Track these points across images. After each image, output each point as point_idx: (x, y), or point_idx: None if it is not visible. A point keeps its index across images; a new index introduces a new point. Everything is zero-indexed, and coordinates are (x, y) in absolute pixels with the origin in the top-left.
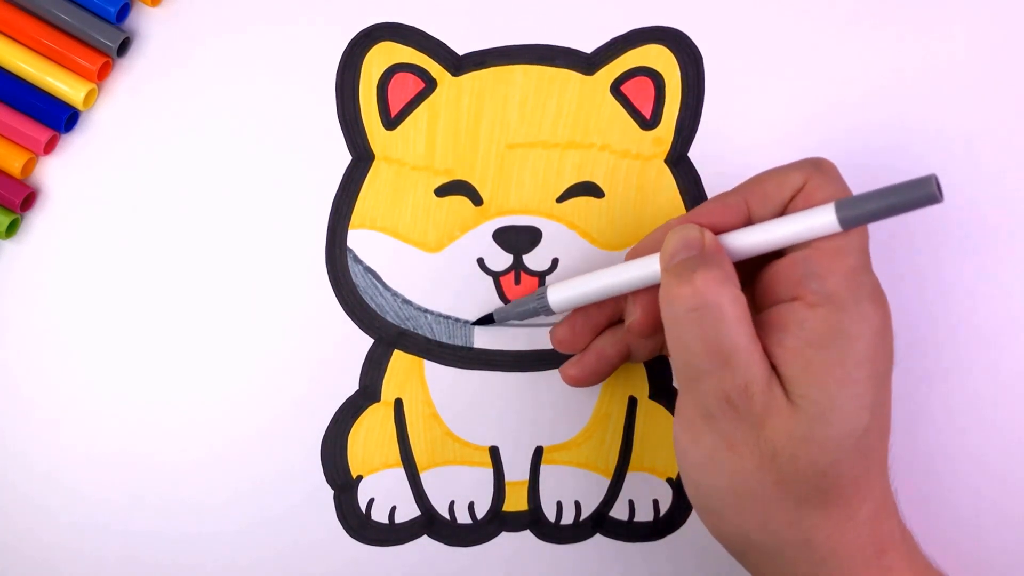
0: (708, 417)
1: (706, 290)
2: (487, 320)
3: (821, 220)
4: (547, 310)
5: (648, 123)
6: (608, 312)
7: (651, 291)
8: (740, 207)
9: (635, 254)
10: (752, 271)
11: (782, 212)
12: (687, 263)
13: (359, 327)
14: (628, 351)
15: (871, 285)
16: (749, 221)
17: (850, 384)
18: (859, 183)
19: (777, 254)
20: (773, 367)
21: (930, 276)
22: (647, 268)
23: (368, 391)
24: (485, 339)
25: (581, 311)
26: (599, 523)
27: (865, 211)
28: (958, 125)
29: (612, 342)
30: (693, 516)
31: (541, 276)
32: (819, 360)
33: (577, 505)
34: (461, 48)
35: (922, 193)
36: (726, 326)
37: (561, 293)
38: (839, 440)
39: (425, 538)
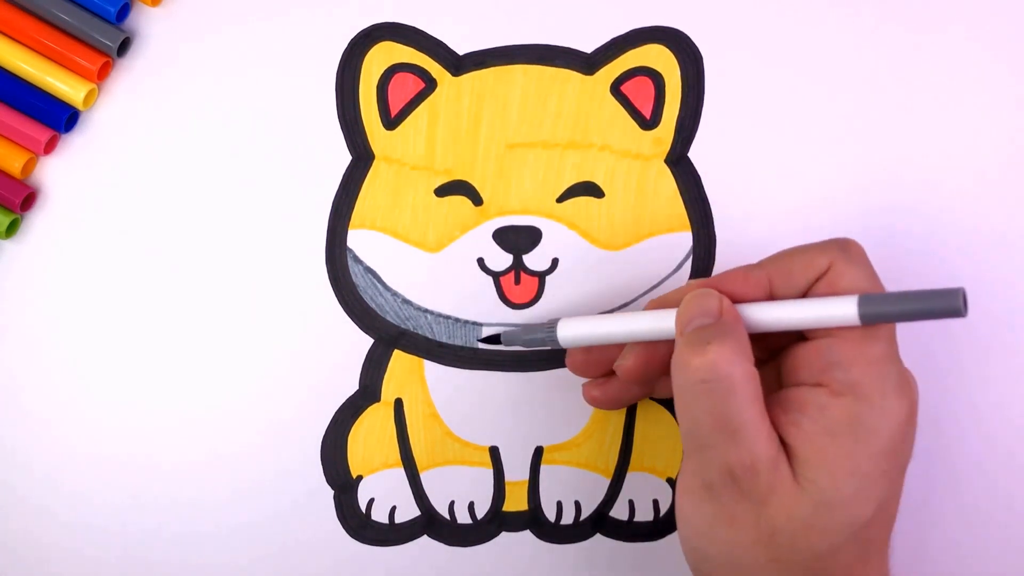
0: (710, 487)
1: (719, 363)
2: (494, 340)
3: (843, 311)
4: (555, 343)
5: (648, 123)
6: (624, 347)
7: (651, 343)
8: (762, 282)
9: (653, 307)
10: (773, 346)
11: (804, 292)
12: (703, 333)
13: (359, 327)
14: (652, 386)
15: (897, 375)
16: (770, 297)
17: (862, 477)
18: (859, 182)
19: (799, 334)
20: (784, 444)
21: (929, 277)
22: (659, 323)
23: (368, 391)
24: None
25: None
26: (599, 523)
27: (887, 311)
28: (959, 125)
29: (640, 364)
30: None
31: (541, 276)
32: (834, 449)
33: (577, 505)
34: (461, 48)
35: (947, 305)
36: (736, 401)
37: (571, 330)
38: (840, 528)
39: (425, 538)
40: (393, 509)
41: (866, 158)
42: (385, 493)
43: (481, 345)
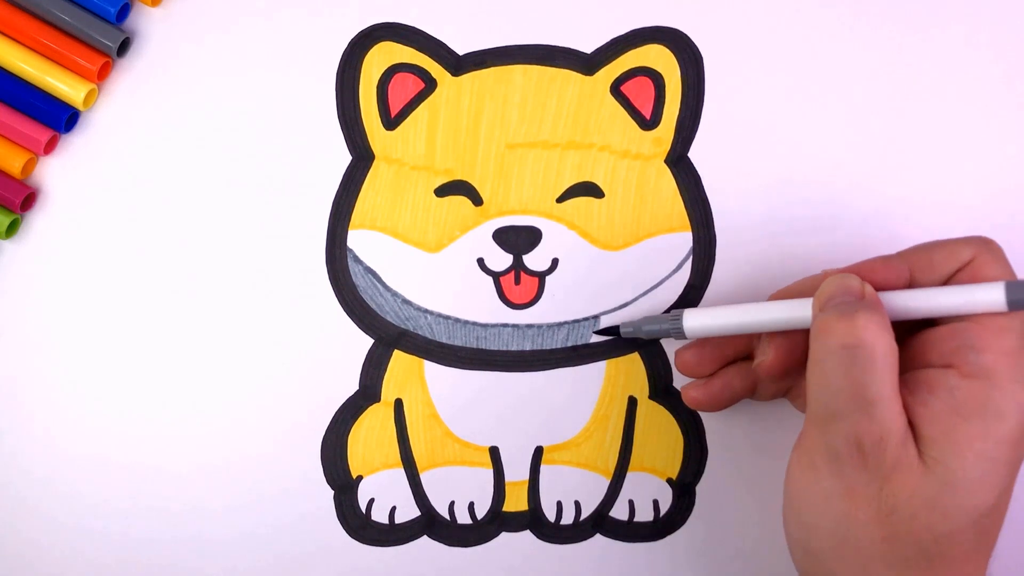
0: (833, 458)
1: (865, 331)
2: (611, 332)
3: (989, 296)
4: (680, 335)
5: (648, 123)
6: (738, 346)
7: (788, 335)
8: (903, 271)
9: (779, 297)
10: (902, 335)
11: (944, 283)
12: (848, 304)
13: (359, 327)
14: (754, 387)
15: (1022, 376)
16: (909, 286)
17: (988, 461)
18: (858, 182)
19: (929, 322)
20: (911, 425)
21: None
22: (794, 311)
23: (368, 391)
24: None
25: (710, 342)
26: (599, 523)
27: None
28: (959, 124)
29: (741, 376)
30: (693, 516)
31: (541, 276)
32: (963, 430)
33: (577, 505)
34: (461, 48)
35: None
36: (876, 372)
37: (698, 321)
38: (963, 512)
39: (425, 538)
40: (393, 509)
41: (866, 158)
42: (385, 493)
43: (596, 337)
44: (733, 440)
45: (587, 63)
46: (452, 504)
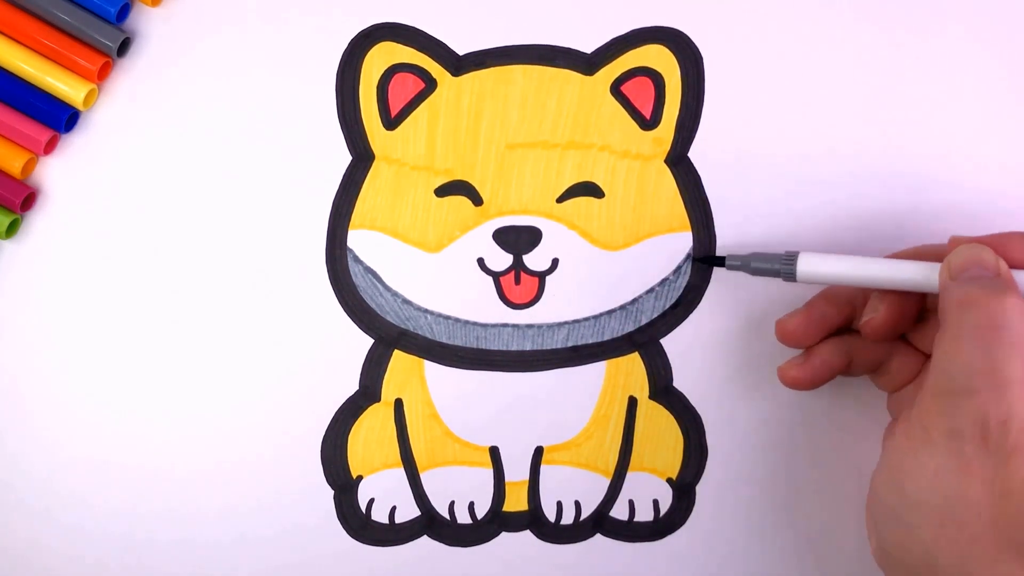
0: (953, 434)
1: (1014, 314)
2: (716, 261)
3: None
4: (791, 277)
5: (648, 123)
6: (846, 313)
7: (901, 296)
8: None
9: (900, 257)
10: None
11: None
12: (996, 281)
13: (359, 327)
14: (850, 363)
15: None
16: None
17: None
18: (859, 181)
19: None
20: None
21: None
22: (918, 272)
23: (368, 391)
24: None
25: (817, 306)
26: (599, 523)
27: None
28: (960, 124)
29: (838, 351)
30: (693, 516)
31: (541, 276)
32: None
33: (577, 505)
34: (461, 48)
35: None
36: (1015, 355)
37: (814, 265)
38: None
39: (425, 538)
40: (393, 509)
41: (866, 158)
42: (385, 493)
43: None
44: (733, 440)
45: (587, 63)
46: (452, 504)
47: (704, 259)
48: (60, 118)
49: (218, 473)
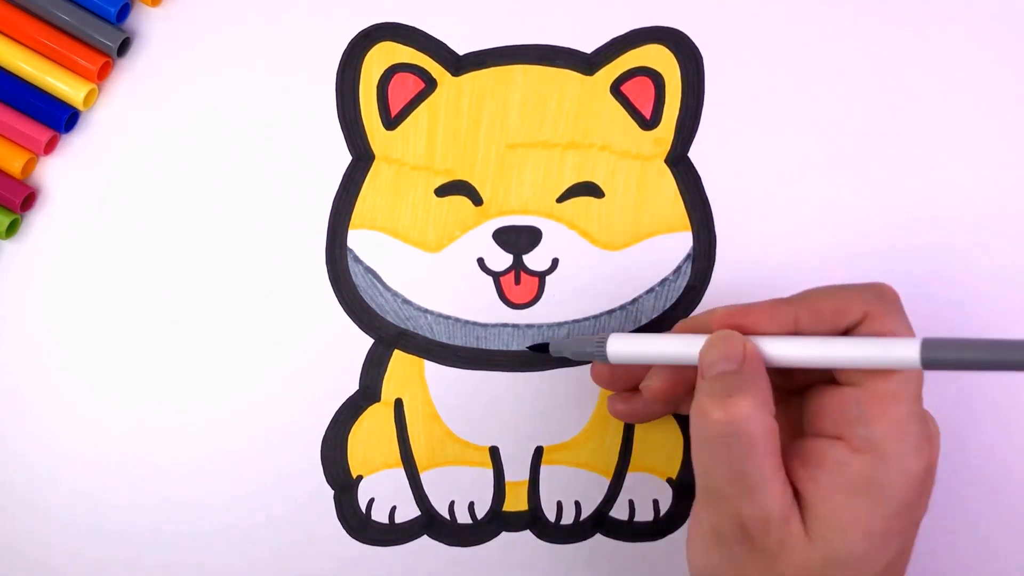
0: (720, 536)
1: (739, 418)
2: (541, 348)
3: (903, 353)
4: (604, 359)
5: (648, 123)
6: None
7: (678, 368)
8: (788, 321)
9: (682, 330)
10: (799, 382)
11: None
12: (725, 382)
13: (359, 327)
14: (677, 404)
15: (918, 435)
16: (795, 333)
17: (875, 537)
18: (859, 181)
19: (827, 375)
20: (799, 496)
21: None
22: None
23: (368, 391)
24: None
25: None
26: (599, 523)
27: (951, 358)
28: (960, 124)
29: (667, 386)
30: None
31: (541, 276)
32: (850, 509)
33: (577, 505)
34: (461, 48)
35: (1019, 359)
36: (754, 457)
37: (622, 349)
38: None
39: (425, 538)
40: (393, 509)
41: (866, 158)
42: (385, 493)
43: (528, 350)
44: None
45: (587, 63)
46: (452, 504)
47: (534, 346)
48: (60, 118)
49: (218, 473)
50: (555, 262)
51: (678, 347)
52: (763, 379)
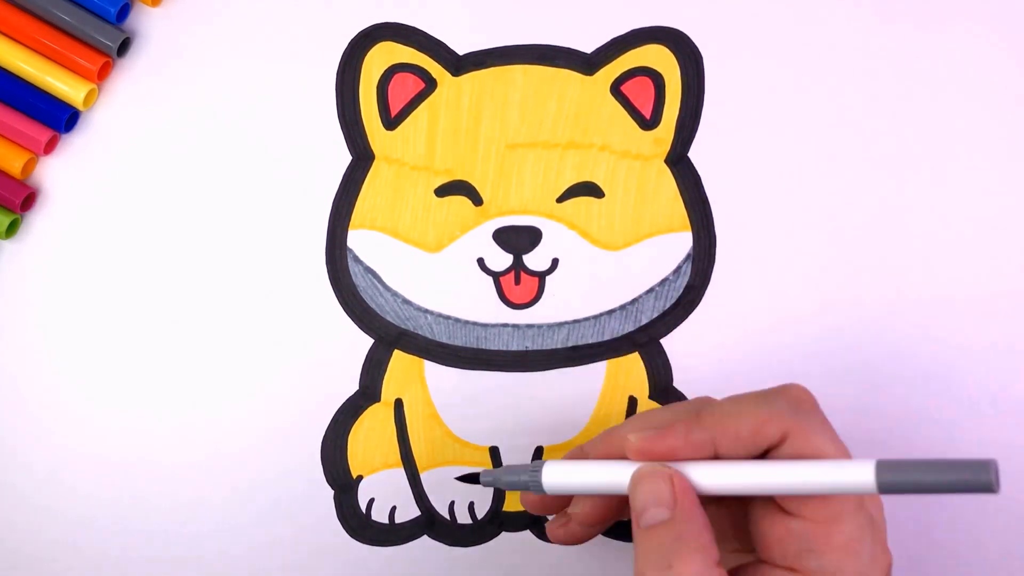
0: None
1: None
2: (471, 479)
3: (858, 478)
4: (539, 489)
5: (648, 123)
6: None
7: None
8: (707, 447)
9: (602, 446)
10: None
11: (759, 457)
12: (662, 541)
13: (359, 327)
14: (614, 519)
15: (871, 546)
16: (715, 458)
17: None
18: (859, 181)
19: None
20: None
21: (926, 274)
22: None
23: (368, 391)
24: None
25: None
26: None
27: (910, 481)
28: (960, 123)
29: (596, 511)
30: None
31: (541, 276)
32: None
33: None
34: (461, 48)
35: (976, 479)
36: None
37: (556, 481)
38: None
39: (425, 538)
40: (393, 509)
41: (866, 157)
42: (385, 493)
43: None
44: None
45: (587, 63)
46: (452, 504)
47: (462, 477)
48: (60, 118)
49: (218, 473)
50: (555, 262)
51: (607, 477)
52: (699, 524)
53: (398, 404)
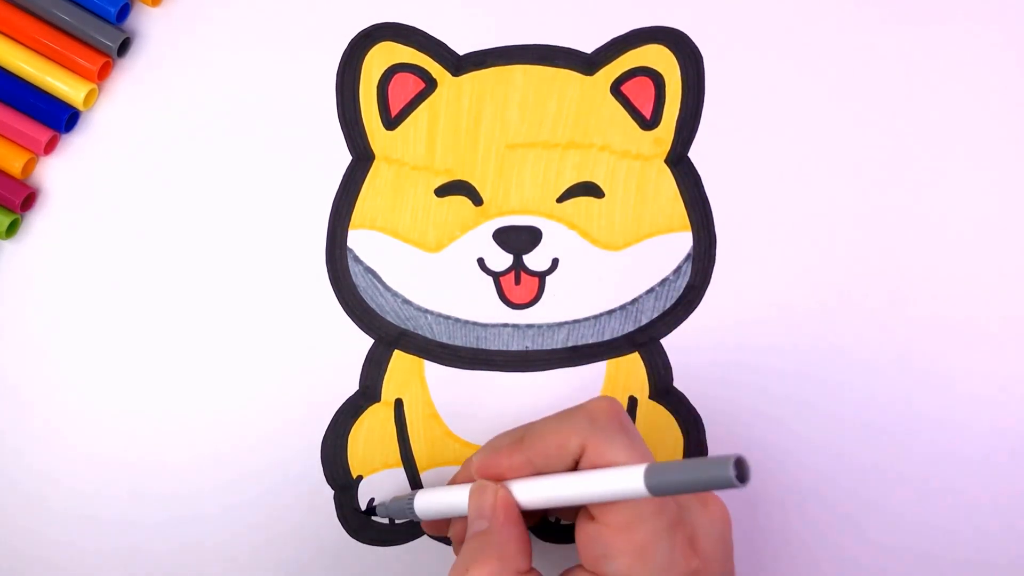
0: None
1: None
2: (370, 511)
3: (627, 484)
4: (416, 516)
5: (648, 123)
6: None
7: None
8: (526, 465)
9: (464, 473)
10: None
11: (571, 470)
12: (471, 548)
13: (359, 327)
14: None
15: (665, 555)
16: (538, 474)
17: None
18: (859, 181)
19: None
20: None
21: (926, 273)
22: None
23: (368, 391)
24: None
25: None
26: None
27: (673, 481)
28: (960, 123)
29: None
30: None
31: (541, 276)
32: None
33: None
34: (461, 48)
35: (719, 475)
36: None
37: (424, 507)
38: None
39: (425, 538)
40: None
41: (867, 157)
42: (385, 493)
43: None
44: (733, 441)
45: (587, 63)
46: None
47: (366, 511)
48: (60, 118)
49: (218, 473)
50: (555, 262)
51: (457, 499)
52: (510, 533)
53: (398, 404)
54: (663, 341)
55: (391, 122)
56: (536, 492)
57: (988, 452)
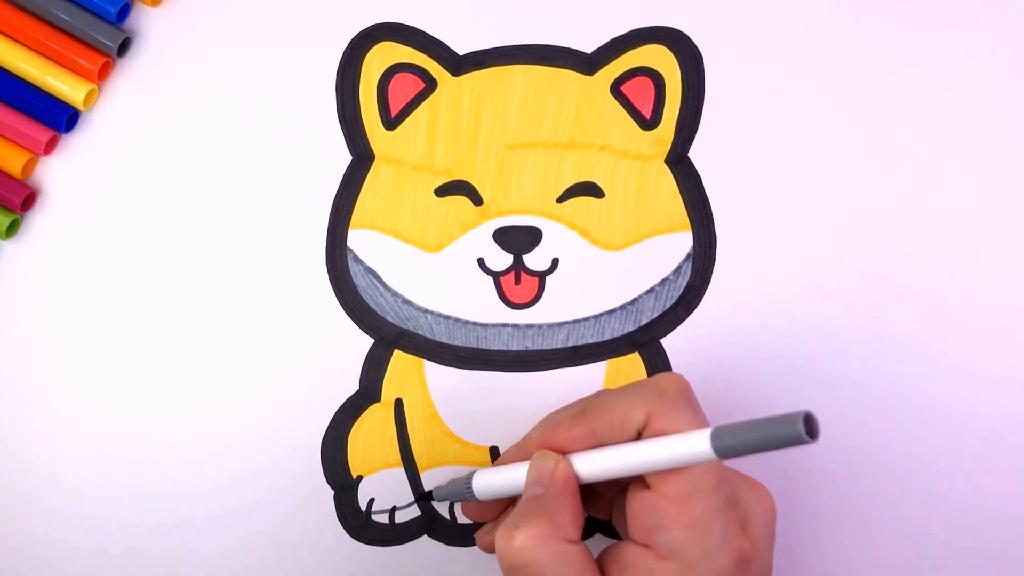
0: None
1: (524, 550)
2: (427, 497)
3: (691, 448)
4: (474, 497)
5: (648, 123)
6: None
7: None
8: (588, 437)
9: (515, 452)
10: (623, 484)
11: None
12: (516, 515)
13: (359, 327)
14: None
15: (721, 531)
16: (599, 445)
17: None
18: (859, 181)
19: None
20: None
21: (925, 274)
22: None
23: (368, 391)
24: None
25: None
26: (599, 522)
27: (739, 442)
28: (959, 123)
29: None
30: None
31: (541, 276)
32: None
33: None
34: (461, 48)
35: (789, 432)
36: None
37: (483, 485)
38: None
39: (425, 538)
40: (393, 509)
41: (866, 157)
42: (385, 493)
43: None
44: None
45: (587, 63)
46: (452, 504)
47: (419, 498)
48: (60, 118)
49: (218, 473)
50: (555, 262)
51: (518, 476)
52: (565, 502)
53: (398, 404)
54: (663, 341)
55: (391, 122)
56: (598, 463)
57: (989, 451)
